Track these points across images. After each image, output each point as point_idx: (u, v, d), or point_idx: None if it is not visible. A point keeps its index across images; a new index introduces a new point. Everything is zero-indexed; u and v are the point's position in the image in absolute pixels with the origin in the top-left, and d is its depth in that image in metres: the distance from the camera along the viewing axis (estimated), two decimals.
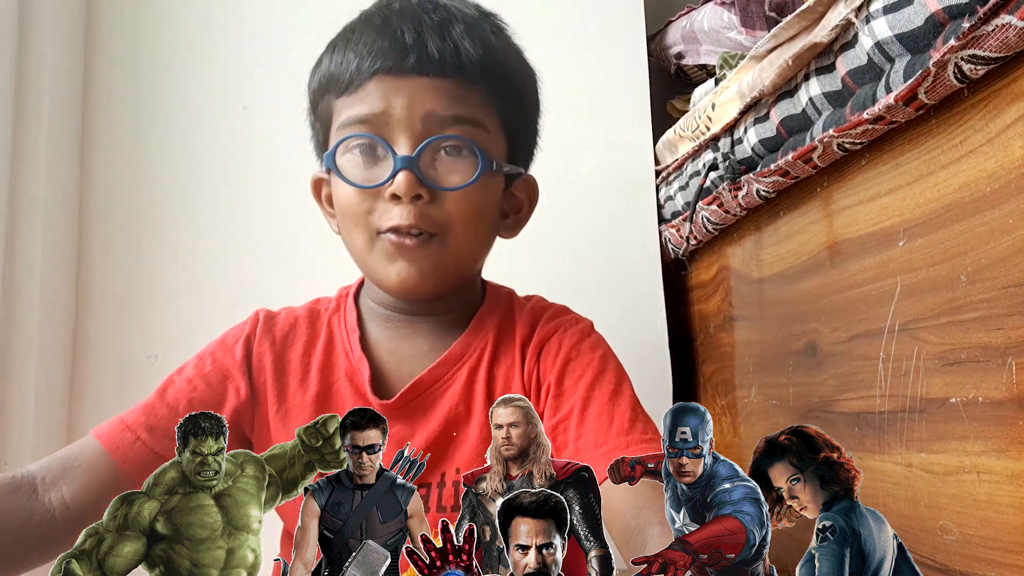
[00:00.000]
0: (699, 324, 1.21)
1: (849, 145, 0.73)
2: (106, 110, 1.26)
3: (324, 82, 0.76)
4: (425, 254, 0.74)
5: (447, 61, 0.72)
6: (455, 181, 0.73)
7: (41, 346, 1.13)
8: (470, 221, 0.75)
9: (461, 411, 0.77)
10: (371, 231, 0.74)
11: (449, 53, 0.72)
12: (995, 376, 0.57)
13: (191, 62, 1.28)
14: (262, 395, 0.79)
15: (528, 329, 0.81)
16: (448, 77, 0.72)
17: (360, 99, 0.73)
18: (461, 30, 0.74)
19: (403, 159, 0.70)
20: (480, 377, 0.78)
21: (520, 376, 0.78)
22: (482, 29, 0.76)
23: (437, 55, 0.72)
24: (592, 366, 0.76)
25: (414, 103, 0.71)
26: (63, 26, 1.22)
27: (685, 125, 1.10)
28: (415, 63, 0.71)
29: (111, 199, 1.25)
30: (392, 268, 0.74)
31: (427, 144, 0.71)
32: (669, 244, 1.21)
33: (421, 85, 0.72)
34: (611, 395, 0.74)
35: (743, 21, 1.15)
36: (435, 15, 0.74)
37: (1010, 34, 0.52)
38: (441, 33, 0.73)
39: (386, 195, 0.72)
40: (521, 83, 0.80)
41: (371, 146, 0.73)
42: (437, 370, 0.79)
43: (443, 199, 0.73)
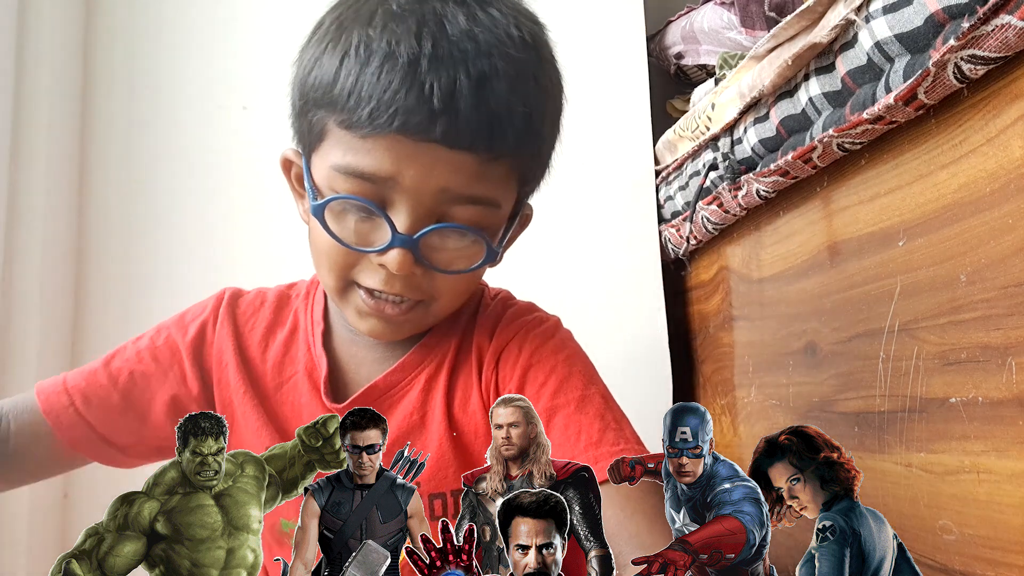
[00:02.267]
0: (699, 324, 1.21)
1: (849, 145, 0.73)
2: (106, 110, 1.26)
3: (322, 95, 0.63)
4: (406, 318, 0.69)
5: (478, 136, 0.61)
6: (455, 265, 0.66)
7: (41, 346, 1.13)
8: (458, 293, 0.71)
9: (415, 420, 0.72)
10: (347, 281, 0.68)
11: (482, 127, 0.61)
12: (995, 376, 0.57)
13: (191, 62, 1.28)
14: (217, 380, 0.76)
15: (487, 334, 0.75)
16: (475, 152, 0.62)
17: (367, 150, 0.61)
18: (502, 90, 0.61)
19: (402, 238, 0.62)
20: (439, 385, 0.73)
21: (478, 385, 0.73)
22: (526, 83, 0.64)
23: (468, 128, 0.60)
24: (556, 371, 0.70)
25: (428, 176, 0.61)
26: (63, 26, 1.22)
27: (685, 125, 1.10)
28: (442, 133, 0.60)
29: (111, 199, 1.24)
30: (363, 322, 0.69)
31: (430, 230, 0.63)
32: (669, 244, 1.21)
33: (441, 157, 0.61)
34: (577, 403, 0.68)
35: (743, 21, 1.15)
36: (475, 67, 0.61)
37: (1010, 34, 0.52)
38: (477, 98, 0.60)
39: (374, 260, 0.65)
40: (551, 133, 0.71)
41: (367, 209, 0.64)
42: (393, 376, 0.74)
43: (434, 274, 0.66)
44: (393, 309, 0.67)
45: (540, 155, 0.71)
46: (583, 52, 1.30)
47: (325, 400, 0.73)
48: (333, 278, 0.68)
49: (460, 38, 0.61)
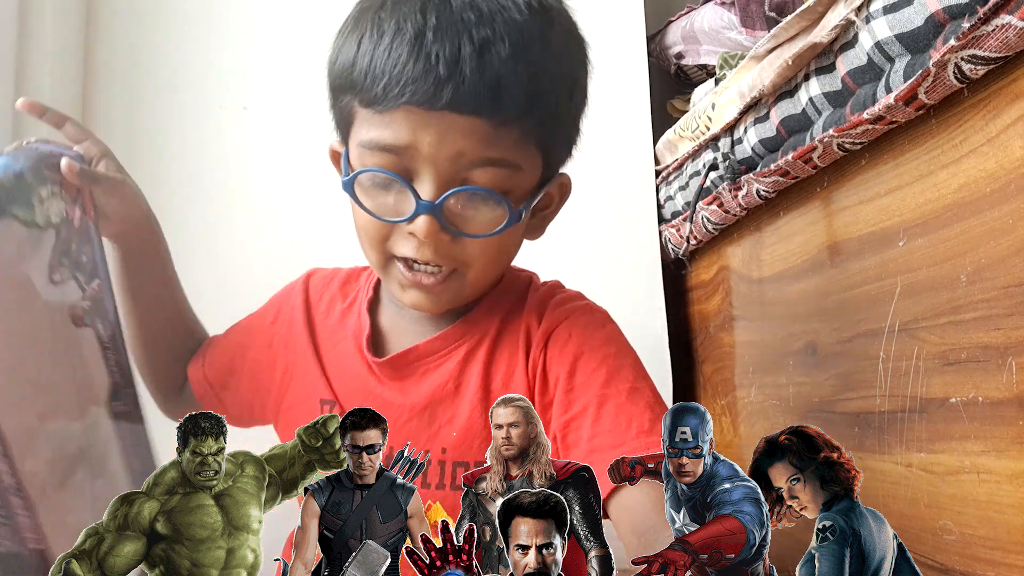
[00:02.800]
0: (699, 324, 1.21)
1: (849, 145, 0.73)
2: (106, 110, 1.26)
3: (345, 81, 0.69)
4: (443, 287, 0.72)
5: (484, 100, 0.64)
6: (478, 229, 0.69)
7: None
8: (490, 260, 0.73)
9: (450, 389, 0.75)
10: (386, 255, 0.72)
11: (487, 89, 0.64)
12: (995, 376, 0.57)
13: (191, 62, 1.28)
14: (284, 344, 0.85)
15: (535, 316, 0.78)
16: (483, 116, 0.65)
17: (386, 124, 0.66)
18: (505, 54, 0.64)
19: (425, 205, 0.66)
20: (478, 359, 0.76)
21: (524, 364, 0.75)
22: (531, 44, 0.66)
23: (473, 93, 0.63)
24: (607, 361, 0.73)
25: (443, 141, 0.65)
26: (63, 27, 1.22)
27: (685, 125, 1.10)
28: (449, 100, 0.63)
29: None
30: (406, 295, 0.73)
31: (451, 194, 0.66)
32: (669, 244, 1.21)
33: (453, 123, 0.64)
34: (629, 393, 0.70)
35: (743, 21, 1.15)
36: (477, 32, 0.64)
37: (1010, 34, 0.52)
38: (481, 62, 0.63)
39: (404, 230, 0.69)
40: (567, 104, 0.73)
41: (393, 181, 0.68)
42: (434, 343, 0.77)
43: (464, 239, 0.69)
44: (429, 279, 0.71)
45: (557, 118, 0.72)
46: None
47: (367, 354, 0.78)
48: (373, 252, 0.73)
49: (462, 8, 0.65)
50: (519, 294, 0.81)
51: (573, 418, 0.71)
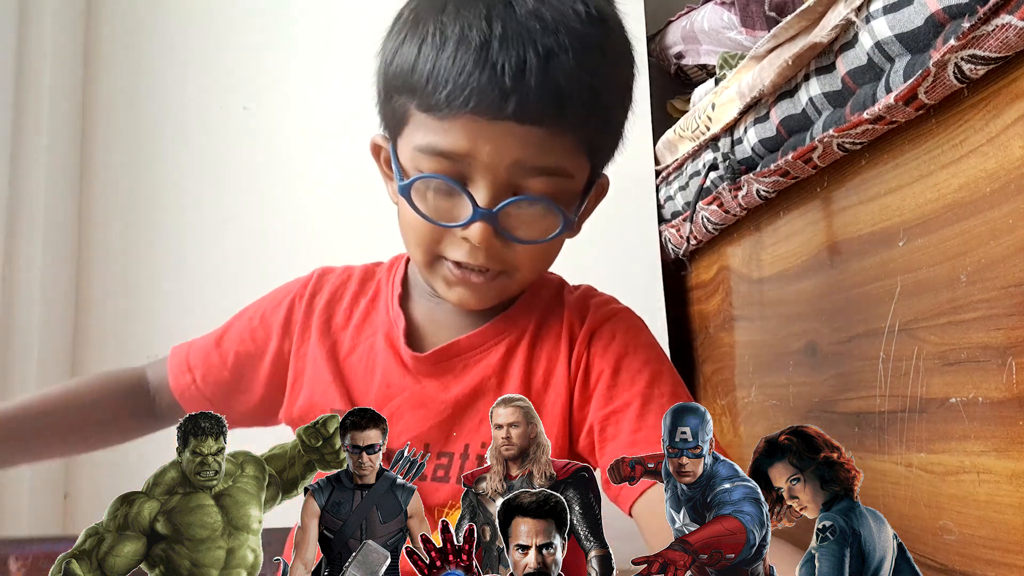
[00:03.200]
0: (699, 324, 1.21)
1: (849, 145, 0.73)
2: (106, 110, 1.26)
3: (402, 83, 0.68)
4: (490, 286, 0.73)
5: (547, 111, 0.65)
6: (532, 236, 0.70)
7: (41, 346, 1.13)
8: (539, 264, 0.76)
9: (493, 383, 0.76)
10: (434, 255, 0.72)
11: (550, 99, 0.64)
12: (995, 376, 0.57)
13: (191, 62, 1.28)
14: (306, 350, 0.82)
15: (577, 314, 0.80)
16: (543, 126, 0.65)
17: (444, 129, 0.66)
18: (569, 66, 0.65)
19: (482, 212, 0.67)
20: (519, 354, 0.77)
21: (567, 360, 0.77)
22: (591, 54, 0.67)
23: (537, 103, 0.64)
24: (651, 364, 0.75)
25: (502, 151, 0.65)
26: (63, 26, 1.22)
27: (685, 125, 1.10)
28: (513, 111, 0.64)
29: (111, 199, 1.25)
30: (452, 291, 0.74)
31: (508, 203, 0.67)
32: (669, 244, 1.21)
33: (512, 132, 0.65)
34: (670, 396, 0.73)
35: (743, 21, 1.15)
36: (542, 43, 0.64)
37: (1010, 34, 0.52)
38: (545, 74, 0.64)
39: (458, 234, 0.69)
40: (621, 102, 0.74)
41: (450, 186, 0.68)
42: (476, 338, 0.78)
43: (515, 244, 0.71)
44: (478, 278, 0.72)
45: (609, 126, 0.73)
46: None
47: (405, 350, 0.77)
48: (421, 253, 0.73)
49: (527, 18, 0.65)
50: (553, 293, 0.83)
51: (615, 411, 0.72)
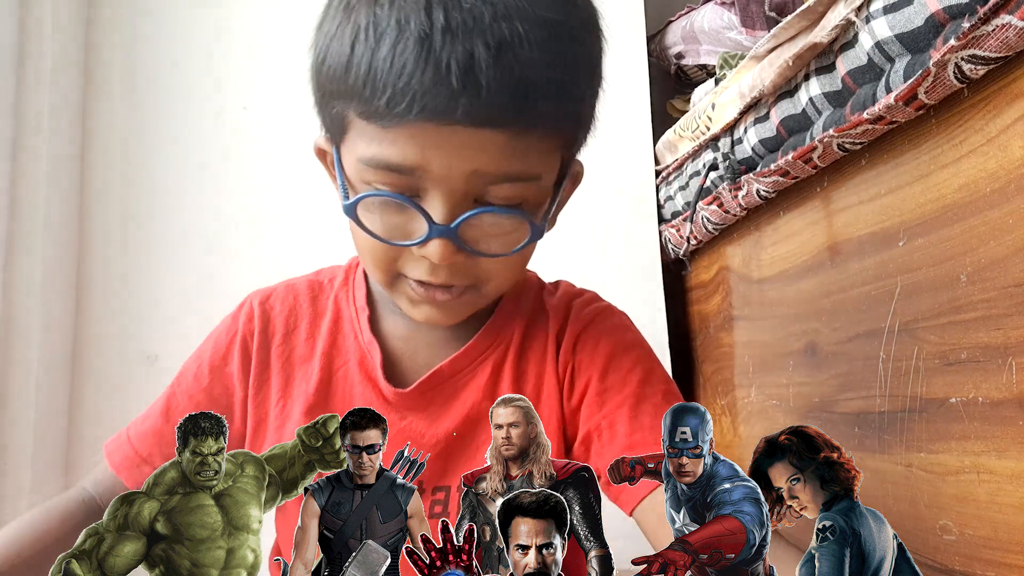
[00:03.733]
0: (699, 324, 1.21)
1: (849, 145, 0.73)
2: (106, 110, 1.26)
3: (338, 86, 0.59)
4: (458, 303, 0.66)
5: (505, 112, 0.56)
6: (498, 249, 0.62)
7: (41, 346, 1.13)
8: (509, 276, 0.68)
9: (485, 408, 0.70)
10: (394, 273, 0.65)
11: (508, 101, 0.55)
12: (995, 376, 0.57)
13: (191, 62, 1.28)
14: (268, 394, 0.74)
15: (560, 319, 0.74)
16: (502, 128, 0.56)
17: (391, 140, 0.57)
18: (527, 57, 0.55)
19: (439, 229, 0.58)
20: (506, 372, 0.72)
21: (554, 370, 0.72)
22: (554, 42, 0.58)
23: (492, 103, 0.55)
24: (640, 363, 0.72)
25: (456, 160, 0.57)
26: (63, 26, 1.22)
27: (685, 125, 1.10)
28: (464, 114, 0.54)
29: (111, 199, 1.25)
30: (417, 311, 0.67)
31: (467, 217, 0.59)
32: (669, 244, 1.21)
33: (467, 138, 0.56)
34: (663, 395, 0.70)
35: (743, 21, 1.15)
36: (492, 34, 0.54)
37: (1010, 34, 0.52)
38: (499, 67, 0.54)
39: (416, 252, 0.62)
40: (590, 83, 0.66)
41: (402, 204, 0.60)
42: (459, 361, 0.72)
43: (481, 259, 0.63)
44: (444, 295, 0.65)
45: (581, 113, 0.65)
46: None
47: (385, 386, 0.71)
48: (380, 273, 0.66)
49: (474, 4, 0.55)
50: (532, 297, 0.78)
51: (607, 415, 0.69)
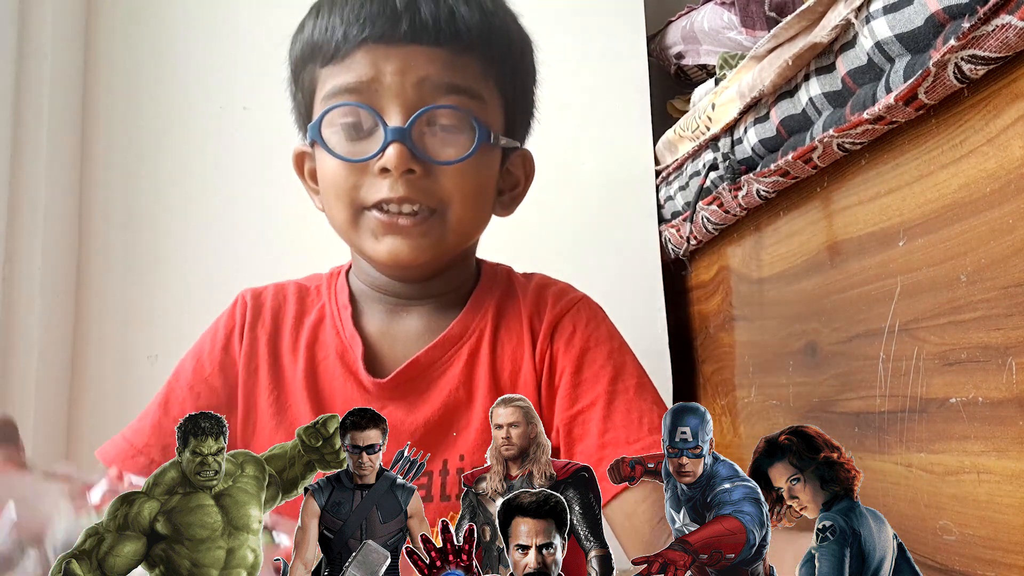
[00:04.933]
0: (699, 324, 1.21)
1: (849, 145, 0.73)
2: (106, 111, 1.26)
3: (307, 50, 0.71)
4: (422, 230, 0.69)
5: (442, 27, 0.67)
6: (451, 155, 0.68)
7: (41, 346, 1.13)
8: (468, 196, 0.71)
9: (461, 395, 0.73)
10: (356, 206, 0.70)
11: (444, 19, 0.67)
12: (995, 376, 0.57)
13: (191, 62, 1.28)
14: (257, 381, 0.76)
15: (536, 306, 0.77)
16: (442, 45, 0.68)
17: (347, 67, 0.68)
18: None
19: (394, 131, 0.66)
20: (482, 359, 0.74)
21: (531, 357, 0.74)
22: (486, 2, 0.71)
23: (431, 21, 0.67)
24: (613, 356, 0.74)
25: (406, 70, 0.67)
26: (63, 26, 1.22)
27: (685, 125, 1.10)
28: (407, 30, 0.66)
29: (111, 199, 1.25)
30: (381, 245, 0.70)
31: (420, 114, 0.67)
32: (669, 244, 1.21)
33: (414, 53, 0.67)
34: (636, 390, 0.71)
35: (743, 21, 1.15)
36: None
37: (1010, 34, 0.52)
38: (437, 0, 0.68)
39: (375, 168, 0.67)
40: (519, 51, 0.76)
41: (359, 117, 0.68)
42: (435, 351, 0.75)
43: (439, 174, 0.68)
44: (406, 220, 0.69)
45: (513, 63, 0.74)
46: (583, 52, 1.30)
47: (365, 376, 0.74)
48: (343, 205, 0.70)
49: None
50: (505, 285, 0.80)
51: (580, 412, 0.71)
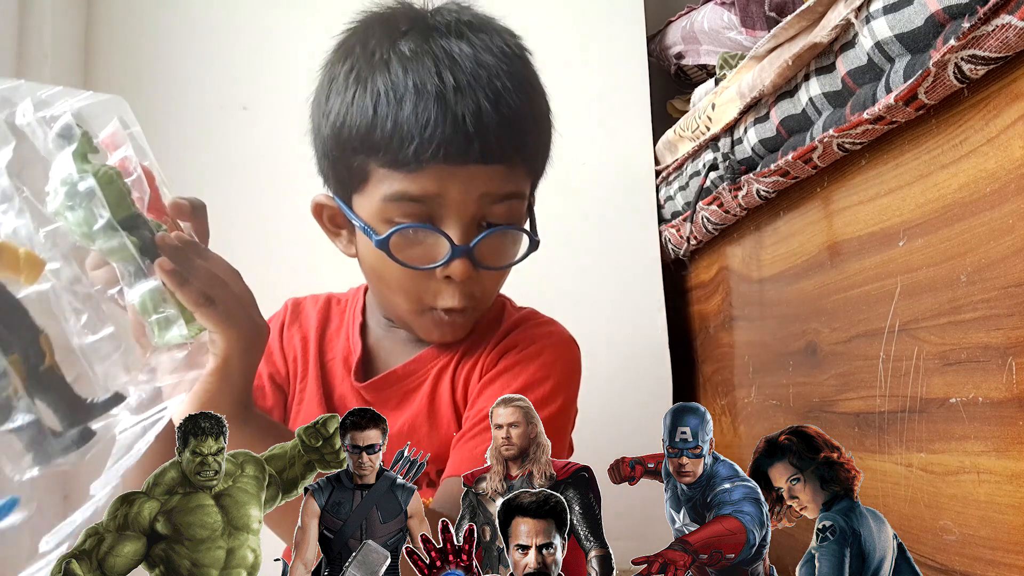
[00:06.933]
0: (699, 324, 1.21)
1: (849, 145, 0.73)
2: None
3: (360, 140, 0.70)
4: (465, 321, 0.77)
5: (506, 148, 0.70)
6: (504, 261, 0.75)
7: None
8: (498, 288, 0.80)
9: (424, 411, 0.78)
10: (420, 304, 0.75)
11: (508, 141, 0.70)
12: (995, 376, 0.57)
13: (191, 62, 1.28)
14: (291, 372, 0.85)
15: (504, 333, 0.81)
16: (503, 163, 0.70)
17: (413, 179, 0.69)
18: (515, 103, 0.70)
19: (461, 249, 0.69)
20: (446, 379, 0.79)
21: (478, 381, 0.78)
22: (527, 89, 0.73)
23: (498, 146, 0.69)
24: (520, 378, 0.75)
25: (470, 189, 0.69)
26: (63, 26, 1.22)
27: (685, 125, 1.10)
28: (476, 154, 0.68)
29: None
30: (435, 332, 0.77)
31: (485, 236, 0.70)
32: (669, 244, 1.21)
33: (478, 172, 0.69)
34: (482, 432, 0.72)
35: (743, 21, 1.15)
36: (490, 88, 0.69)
37: (1010, 34, 0.52)
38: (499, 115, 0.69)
39: (439, 275, 0.72)
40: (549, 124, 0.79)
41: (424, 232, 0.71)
42: (411, 365, 0.80)
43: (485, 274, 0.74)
44: (461, 319, 0.76)
45: (548, 149, 0.79)
46: (583, 52, 1.30)
47: (353, 380, 0.81)
48: (410, 303, 0.75)
49: (473, 66, 0.70)
50: (494, 314, 0.84)
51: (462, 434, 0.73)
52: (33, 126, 0.51)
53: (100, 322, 0.50)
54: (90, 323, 0.49)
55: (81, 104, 0.53)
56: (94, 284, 0.53)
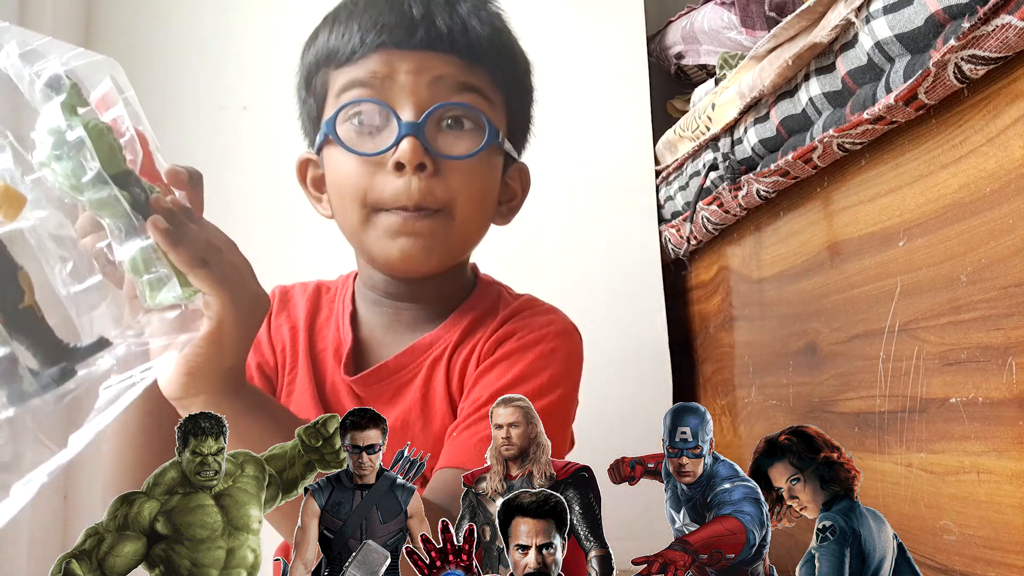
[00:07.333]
0: (699, 324, 1.21)
1: (849, 145, 0.73)
2: None
3: (321, 55, 0.74)
4: (431, 229, 0.71)
5: (456, 37, 0.71)
6: (460, 150, 0.71)
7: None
8: (474, 195, 0.73)
9: (420, 404, 0.75)
10: (369, 207, 0.71)
11: (458, 30, 0.71)
12: (995, 376, 0.57)
13: (191, 62, 1.28)
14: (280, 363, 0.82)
15: (500, 322, 0.78)
16: (455, 54, 0.71)
17: (362, 66, 0.71)
18: (468, 8, 0.73)
19: (408, 125, 0.68)
20: (440, 370, 0.76)
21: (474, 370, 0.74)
22: (487, 9, 0.76)
23: (446, 30, 0.70)
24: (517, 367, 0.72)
25: (421, 70, 0.70)
26: (63, 26, 1.22)
27: (685, 125, 1.10)
28: (423, 37, 0.70)
29: None
30: (394, 245, 0.72)
31: (435, 109, 0.69)
32: (669, 244, 1.21)
33: (428, 56, 0.70)
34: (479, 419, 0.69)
35: (743, 21, 1.15)
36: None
37: (1010, 34, 0.52)
38: (449, 9, 0.72)
39: (389, 165, 0.69)
40: (524, 68, 0.80)
41: (373, 115, 0.71)
42: (402, 358, 0.77)
43: (447, 172, 0.70)
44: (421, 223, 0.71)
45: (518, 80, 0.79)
46: (583, 52, 1.30)
47: (342, 373, 0.78)
48: (356, 206, 0.72)
49: None
50: (490, 304, 0.80)
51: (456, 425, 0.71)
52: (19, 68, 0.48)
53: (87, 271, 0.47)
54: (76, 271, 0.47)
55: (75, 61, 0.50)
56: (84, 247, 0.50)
